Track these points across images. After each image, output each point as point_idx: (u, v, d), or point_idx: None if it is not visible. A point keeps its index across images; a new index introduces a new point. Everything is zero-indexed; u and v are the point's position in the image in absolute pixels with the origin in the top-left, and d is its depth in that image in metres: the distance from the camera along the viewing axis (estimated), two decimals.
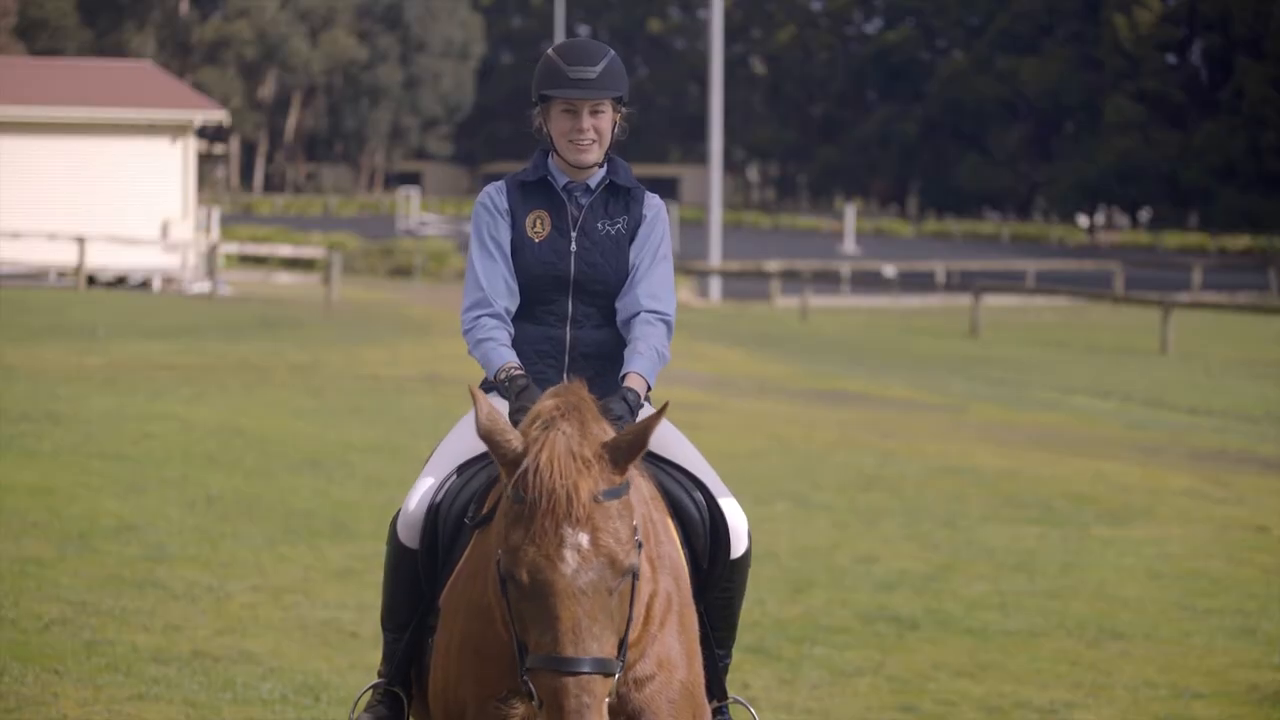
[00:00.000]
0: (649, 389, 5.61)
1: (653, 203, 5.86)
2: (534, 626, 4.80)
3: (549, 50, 5.78)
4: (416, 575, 5.66)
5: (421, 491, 5.68)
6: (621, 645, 4.88)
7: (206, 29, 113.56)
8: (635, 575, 4.90)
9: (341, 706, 9.07)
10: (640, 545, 4.97)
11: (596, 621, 4.78)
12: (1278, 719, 9.66)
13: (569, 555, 4.78)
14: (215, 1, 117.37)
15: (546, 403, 4.99)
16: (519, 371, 5.57)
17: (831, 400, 24.45)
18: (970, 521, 14.99)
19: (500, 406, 5.67)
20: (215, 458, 16.75)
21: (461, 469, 5.67)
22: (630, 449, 4.92)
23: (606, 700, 4.79)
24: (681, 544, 5.54)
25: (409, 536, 5.66)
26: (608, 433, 5.00)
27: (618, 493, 4.89)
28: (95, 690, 9.19)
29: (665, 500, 5.56)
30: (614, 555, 4.82)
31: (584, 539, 4.79)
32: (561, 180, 5.79)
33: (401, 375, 24.95)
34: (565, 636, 4.75)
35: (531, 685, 4.82)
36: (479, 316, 5.73)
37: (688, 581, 5.43)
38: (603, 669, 4.77)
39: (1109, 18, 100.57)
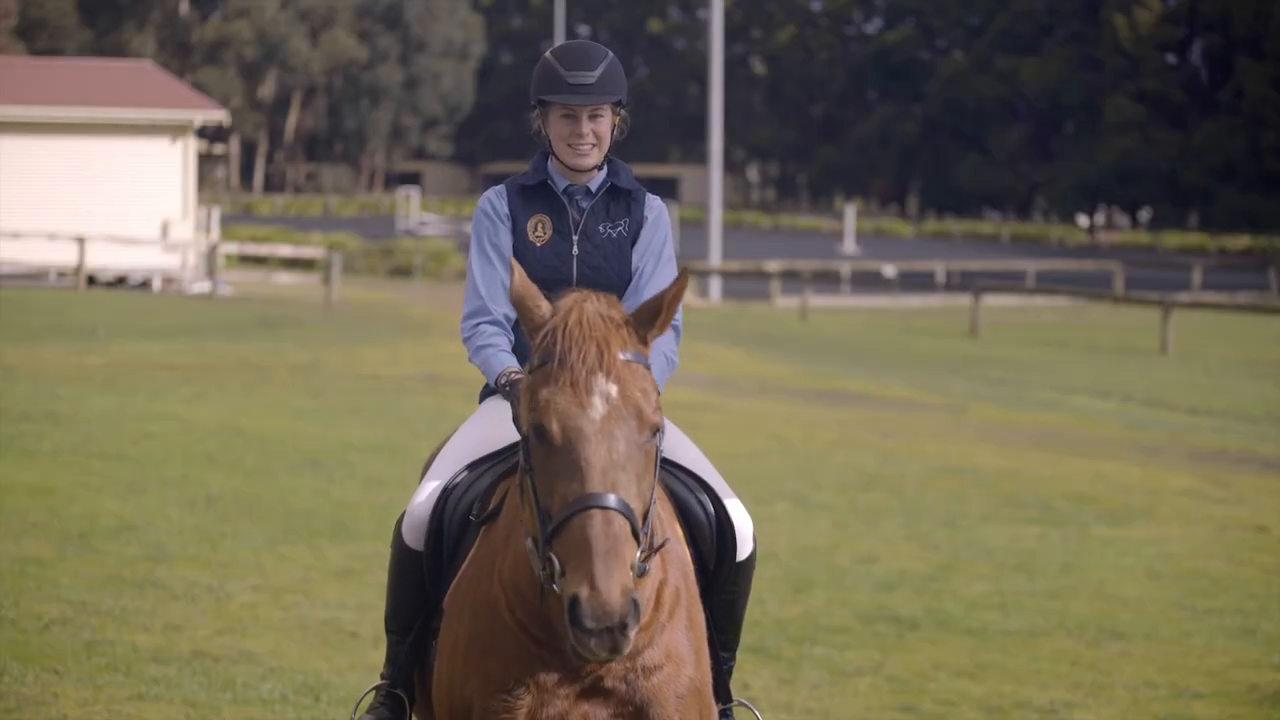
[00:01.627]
0: (659, 395, 5.60)
1: (653, 204, 5.85)
2: (562, 479, 4.73)
3: (547, 53, 5.74)
4: (421, 577, 5.63)
5: (427, 493, 5.66)
6: (646, 519, 4.79)
7: (206, 29, 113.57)
8: (660, 440, 4.90)
9: (342, 706, 9.07)
10: (664, 425, 4.98)
11: (625, 470, 4.74)
12: (1278, 719, 9.66)
13: (598, 402, 4.78)
14: (215, 1, 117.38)
15: (574, 292, 5.05)
16: (519, 376, 5.55)
17: (831, 400, 24.45)
18: (970, 521, 14.99)
19: (503, 411, 5.66)
20: (215, 458, 16.76)
21: (471, 467, 5.65)
22: (651, 315, 4.95)
23: (632, 574, 4.63)
24: (687, 545, 5.53)
25: (414, 539, 5.64)
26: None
27: (643, 359, 4.93)
28: (95, 690, 9.20)
29: (671, 502, 5.56)
30: (641, 408, 4.82)
31: (613, 389, 4.81)
32: (562, 184, 5.77)
33: (401, 375, 24.95)
34: (595, 474, 4.69)
35: (554, 555, 4.70)
36: (478, 324, 5.73)
37: (694, 581, 5.42)
38: (631, 518, 4.68)
39: (1109, 18, 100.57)
